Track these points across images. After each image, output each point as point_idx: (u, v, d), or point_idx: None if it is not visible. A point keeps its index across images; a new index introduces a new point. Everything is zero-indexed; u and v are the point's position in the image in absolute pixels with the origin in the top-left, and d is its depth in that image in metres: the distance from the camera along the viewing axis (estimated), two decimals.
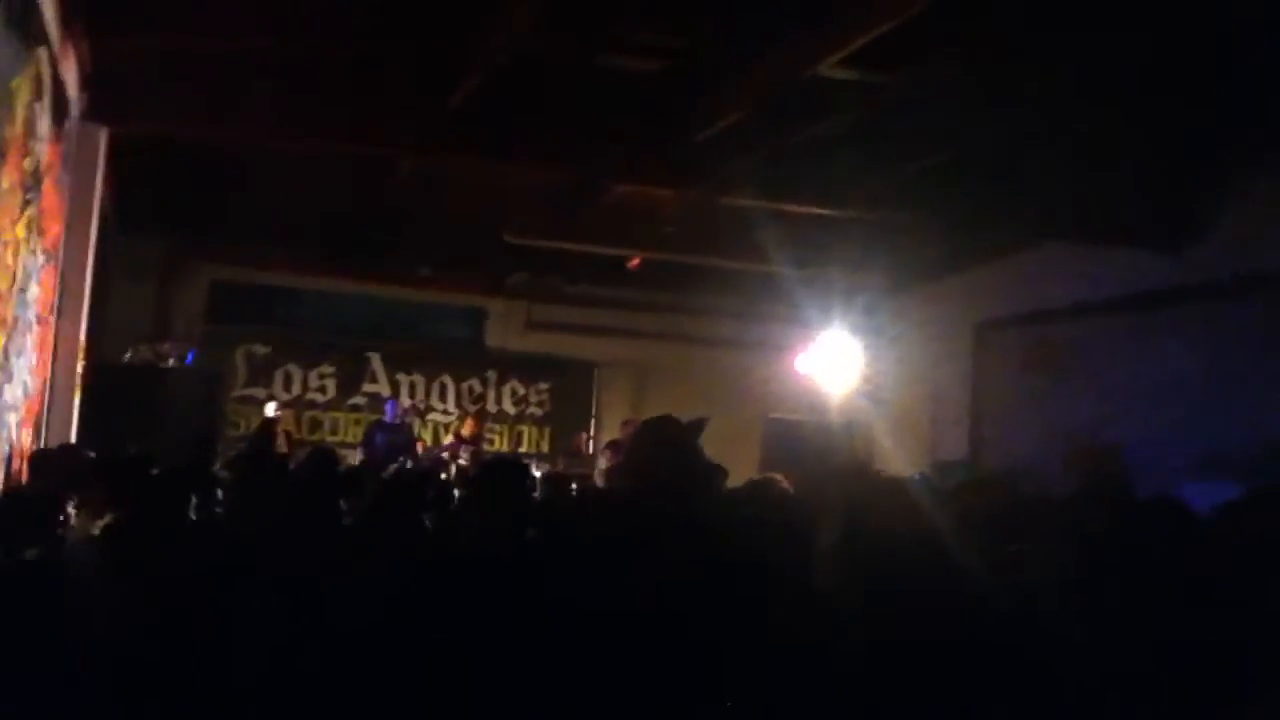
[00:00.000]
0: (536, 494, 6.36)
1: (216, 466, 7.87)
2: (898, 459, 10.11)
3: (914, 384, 11.10)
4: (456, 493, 5.92)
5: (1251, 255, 7.34)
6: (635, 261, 9.84)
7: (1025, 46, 5.56)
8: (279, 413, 11.40)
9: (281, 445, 9.60)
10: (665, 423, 3.31)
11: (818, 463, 10.51)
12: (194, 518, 3.94)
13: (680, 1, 5.23)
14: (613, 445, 11.51)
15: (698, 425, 3.37)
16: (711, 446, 3.48)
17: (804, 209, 7.75)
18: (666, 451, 3.26)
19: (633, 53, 5.68)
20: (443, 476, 8.80)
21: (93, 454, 5.36)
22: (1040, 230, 8.59)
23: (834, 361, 11.40)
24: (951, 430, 10.46)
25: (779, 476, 6.92)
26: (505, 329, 12.67)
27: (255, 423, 11.07)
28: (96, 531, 3.82)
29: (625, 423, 11.61)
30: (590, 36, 5.51)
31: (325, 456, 5.55)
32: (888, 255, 9.61)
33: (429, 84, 6.16)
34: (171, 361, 9.79)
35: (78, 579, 3.15)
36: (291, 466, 5.57)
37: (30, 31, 4.93)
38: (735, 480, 5.18)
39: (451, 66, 5.92)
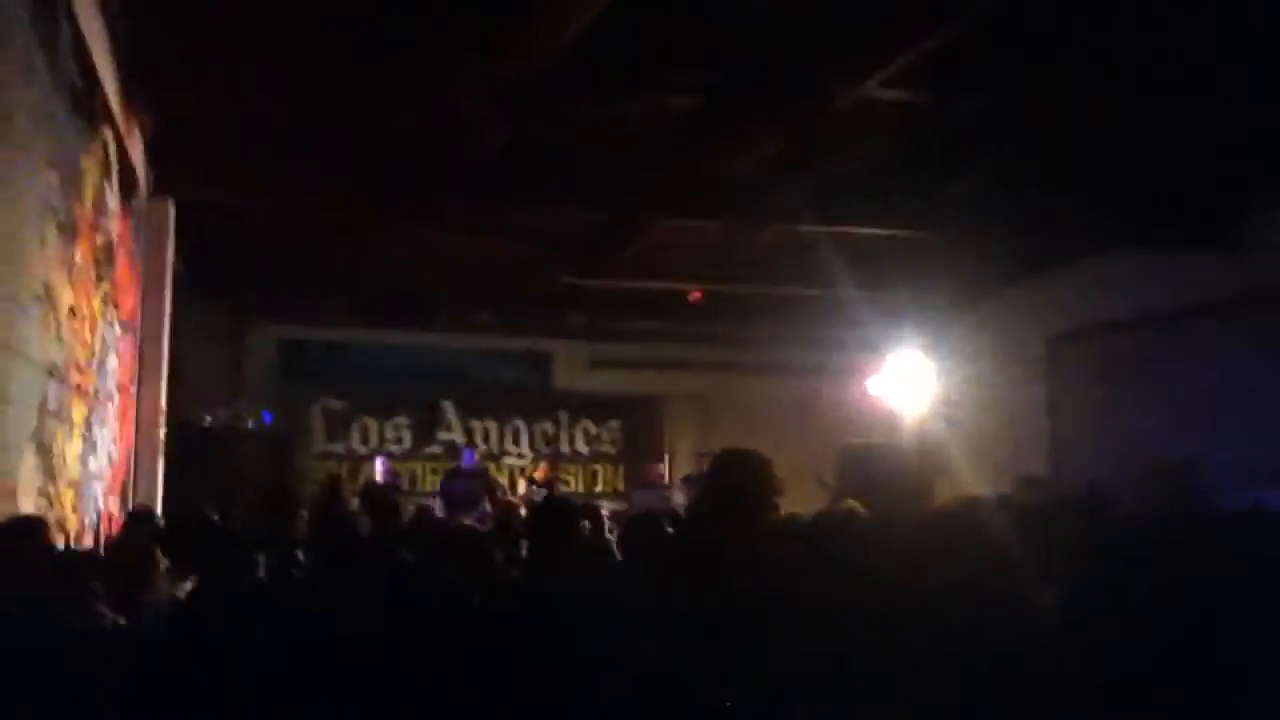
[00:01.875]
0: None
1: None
2: (976, 479, 9.92)
3: (990, 402, 10.90)
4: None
5: None
6: (697, 295, 9.84)
7: (1074, 50, 5.49)
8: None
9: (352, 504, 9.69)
10: (743, 453, 3.36)
11: (891, 487, 10.36)
12: (263, 578, 3.98)
13: (708, 36, 5.26)
14: (687, 480, 11.52)
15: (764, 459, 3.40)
16: (784, 474, 3.51)
17: (856, 230, 7.70)
18: (744, 480, 3.30)
19: (668, 90, 5.72)
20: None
21: (168, 518, 5.49)
22: (1095, 237, 8.45)
23: (906, 383, 11.26)
24: (1029, 448, 10.24)
25: (855, 504, 6.84)
26: (571, 370, 12.76)
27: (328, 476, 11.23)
28: (180, 594, 3.90)
29: (700, 455, 11.60)
30: (623, 81, 5.57)
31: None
32: (950, 271, 9.49)
33: (464, 133, 6.26)
34: (250, 423, 10.02)
35: (152, 646, 3.21)
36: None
37: (94, 111, 5.14)
38: (808, 507, 5.15)
39: (487, 113, 6.02)
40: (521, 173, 6.65)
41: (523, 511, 9.46)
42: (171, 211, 7.23)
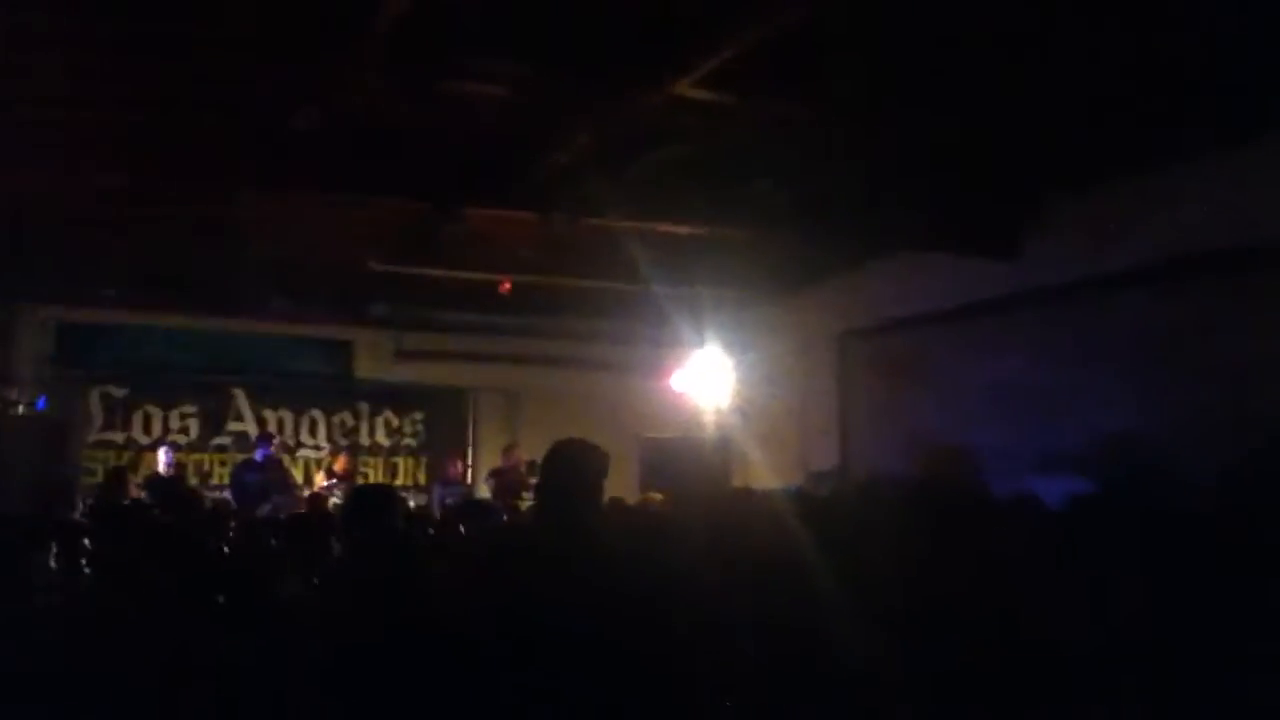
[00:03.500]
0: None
1: (76, 514, 7.56)
2: (770, 472, 10.32)
3: (784, 397, 11.34)
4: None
5: (1083, 260, 7.80)
6: (506, 285, 9.83)
7: (865, 64, 5.80)
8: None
9: (133, 492, 9.23)
10: (579, 446, 3.42)
11: (688, 481, 10.67)
12: (54, 567, 3.81)
13: (521, 29, 5.29)
14: (496, 473, 11.49)
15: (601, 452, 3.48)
16: None
17: (663, 228, 7.89)
18: (578, 475, 3.36)
19: (477, 79, 5.72)
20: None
21: None
22: (882, 241, 8.94)
23: (706, 379, 11.59)
24: (821, 441, 10.72)
25: (655, 496, 7.03)
26: (374, 360, 12.47)
27: (112, 467, 10.67)
28: None
29: (506, 449, 11.58)
30: (432, 67, 5.53)
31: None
32: (748, 270, 9.83)
33: (269, 115, 6.08)
34: (21, 408, 9.39)
35: None
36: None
37: None
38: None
39: (293, 97, 5.87)
40: (329, 159, 6.49)
41: (332, 503, 9.27)
42: None
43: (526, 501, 10.37)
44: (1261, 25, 5.27)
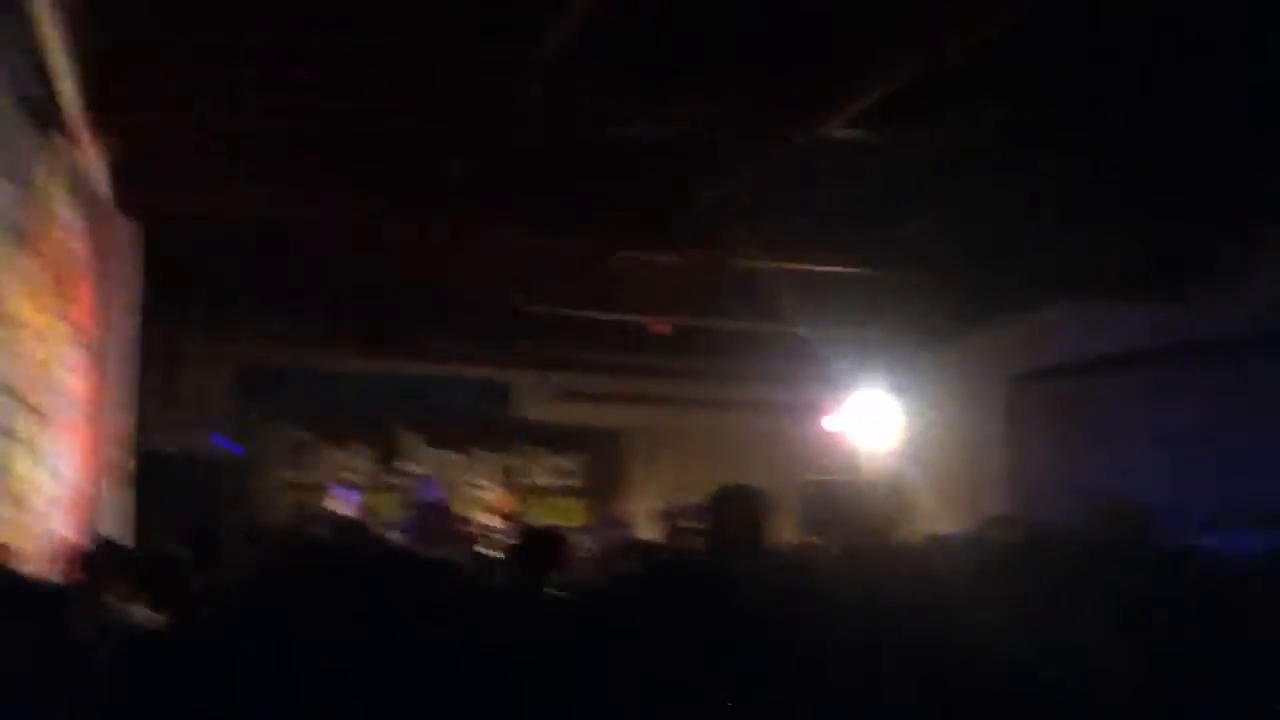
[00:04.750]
0: None
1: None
2: (938, 518, 9.98)
3: (951, 442, 10.98)
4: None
5: (1264, 309, 7.35)
6: (659, 327, 9.88)
7: (1035, 109, 5.59)
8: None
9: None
10: (745, 491, 3.41)
11: (854, 524, 10.40)
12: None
13: (687, 67, 5.32)
14: (665, 515, 11.50)
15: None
16: None
17: (815, 268, 7.78)
18: (747, 519, 3.35)
19: (641, 118, 5.78)
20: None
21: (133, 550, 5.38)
22: (1042, 285, 8.60)
23: (869, 421, 11.34)
24: (990, 488, 10.32)
25: (818, 540, 6.87)
26: (531, 400, 12.70)
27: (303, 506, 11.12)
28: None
29: (673, 493, 11.54)
30: (595, 112, 5.63)
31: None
32: (915, 312, 9.59)
33: (434, 156, 6.27)
34: (208, 451, 9.91)
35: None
36: None
37: (53, 122, 5.07)
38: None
39: (460, 138, 6.05)
40: (490, 198, 6.66)
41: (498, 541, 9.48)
42: (133, 230, 7.16)
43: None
44: None
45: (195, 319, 10.70)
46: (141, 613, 3.98)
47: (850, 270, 7.93)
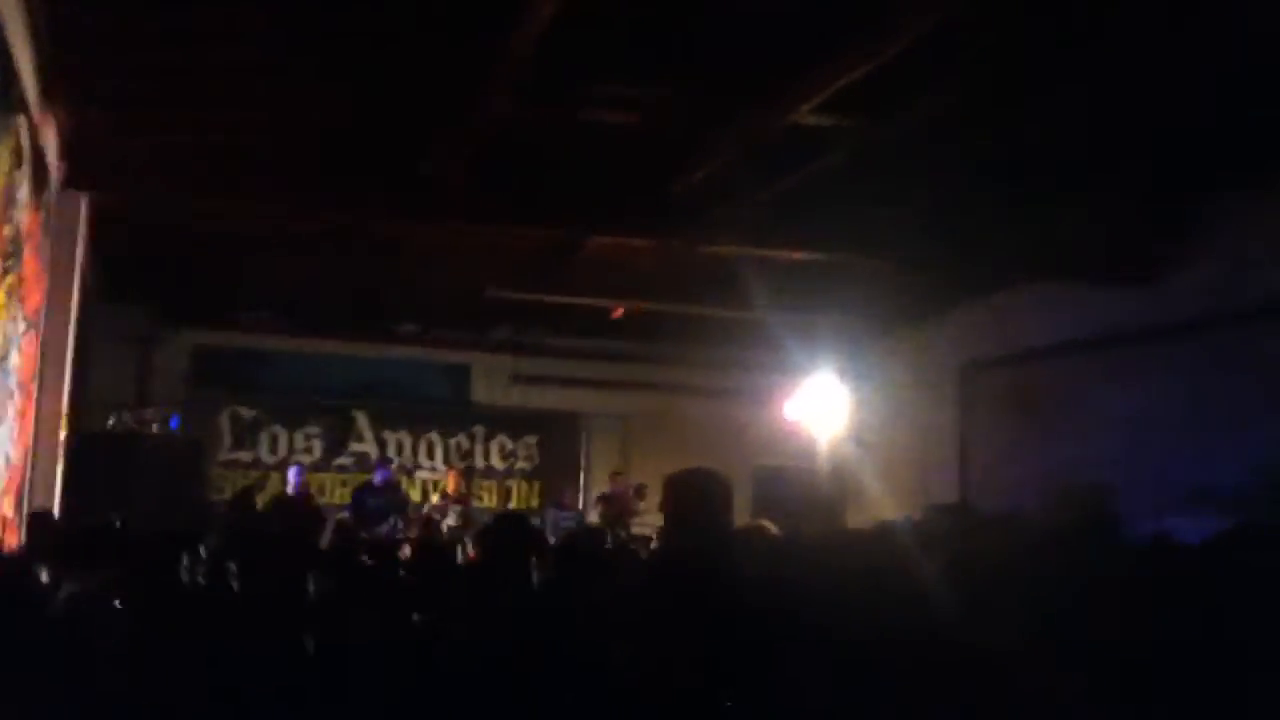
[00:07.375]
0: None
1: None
2: (887, 503, 10.07)
3: (902, 428, 11.10)
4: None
5: (1226, 289, 7.43)
6: (619, 312, 9.87)
7: (993, 90, 5.65)
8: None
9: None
10: (705, 476, 3.37)
11: (803, 509, 10.50)
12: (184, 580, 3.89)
13: (655, 55, 5.30)
14: (603, 498, 11.51)
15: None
16: None
17: (783, 254, 7.81)
18: (709, 506, 3.32)
19: (609, 106, 5.75)
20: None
21: (67, 521, 5.30)
22: (1011, 270, 8.68)
23: (821, 407, 11.42)
24: (941, 474, 10.44)
25: (767, 524, 6.92)
26: (490, 384, 12.64)
27: (240, 487, 11.01)
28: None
29: (614, 475, 11.59)
30: (569, 95, 5.59)
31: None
32: (870, 299, 9.66)
33: (404, 149, 6.21)
34: (155, 427, 9.74)
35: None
36: None
37: (9, 100, 4.96)
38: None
39: (428, 130, 5.99)
40: (463, 190, 6.61)
41: (445, 525, 9.41)
42: (84, 208, 7.00)
43: (634, 527, 10.39)
44: None
45: (154, 301, 10.52)
46: (74, 581, 3.93)
47: (809, 256, 7.96)
